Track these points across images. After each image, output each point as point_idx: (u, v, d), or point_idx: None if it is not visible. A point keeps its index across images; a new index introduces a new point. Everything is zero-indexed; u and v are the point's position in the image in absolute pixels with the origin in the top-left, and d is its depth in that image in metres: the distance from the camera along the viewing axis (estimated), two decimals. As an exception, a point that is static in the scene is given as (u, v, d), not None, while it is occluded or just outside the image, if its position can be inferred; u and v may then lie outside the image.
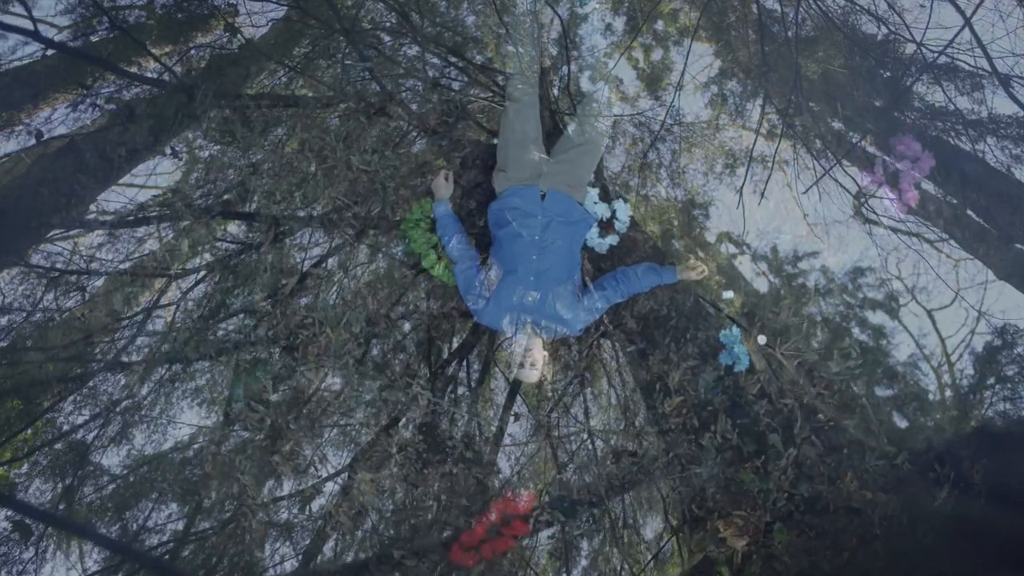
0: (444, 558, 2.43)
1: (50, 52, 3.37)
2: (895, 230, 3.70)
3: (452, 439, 2.66)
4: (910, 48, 3.45)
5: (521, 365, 2.25)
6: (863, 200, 3.44)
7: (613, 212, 2.69)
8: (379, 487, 2.59)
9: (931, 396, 3.67)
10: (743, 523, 2.08)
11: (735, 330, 2.37)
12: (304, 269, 2.84)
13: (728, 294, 2.51)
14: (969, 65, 3.20)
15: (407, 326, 3.10)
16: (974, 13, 2.52)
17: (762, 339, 2.34)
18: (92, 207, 3.45)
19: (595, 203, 2.67)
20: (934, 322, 3.73)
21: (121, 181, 3.71)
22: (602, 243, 2.75)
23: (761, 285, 3.79)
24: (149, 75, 3.37)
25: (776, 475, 2.08)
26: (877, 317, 3.77)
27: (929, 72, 3.11)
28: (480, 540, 2.37)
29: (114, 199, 3.71)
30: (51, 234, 3.17)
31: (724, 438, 2.27)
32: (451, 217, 2.48)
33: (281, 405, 2.61)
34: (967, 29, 2.82)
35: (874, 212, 3.42)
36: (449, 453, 2.66)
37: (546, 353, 2.34)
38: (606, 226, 2.73)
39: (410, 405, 2.66)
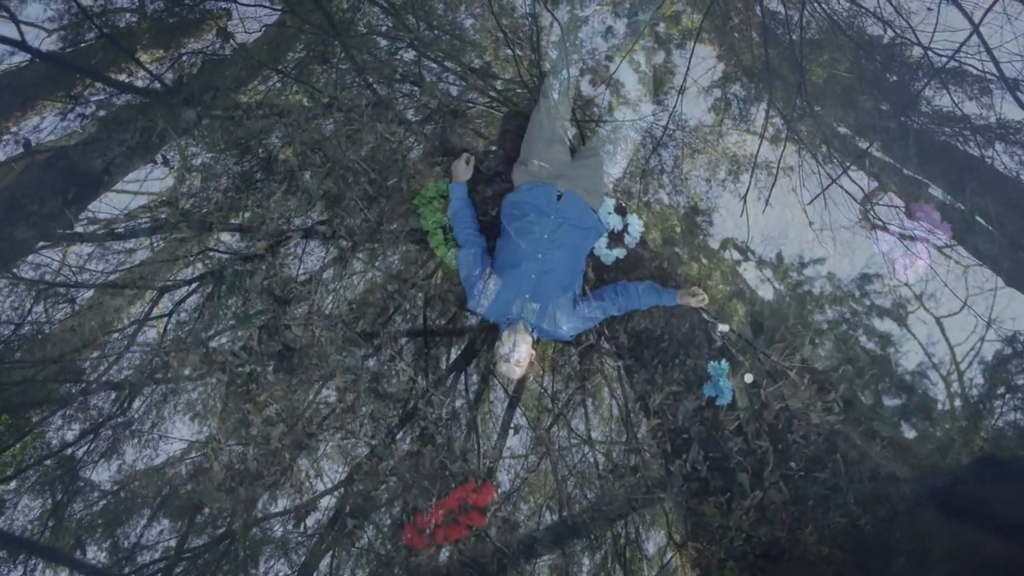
0: (396, 535, 2.47)
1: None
2: (903, 236, 3.70)
3: (426, 419, 2.68)
4: (916, 51, 3.46)
5: (506, 360, 2.25)
6: (870, 207, 3.45)
7: (625, 226, 2.71)
8: (345, 452, 2.61)
9: (940, 406, 3.68)
10: (696, 555, 2.10)
11: (724, 364, 2.39)
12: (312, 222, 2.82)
13: (723, 327, 2.52)
14: (977, 69, 3.21)
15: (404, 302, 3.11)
16: (983, 20, 2.53)
17: (749, 377, 2.36)
18: (82, 216, 3.46)
19: (609, 213, 2.69)
20: (943, 329, 3.74)
21: (113, 188, 3.71)
22: (609, 254, 2.78)
23: (766, 292, 3.79)
24: (140, 81, 3.37)
25: (738, 514, 2.12)
26: (885, 324, 3.78)
27: (937, 78, 3.12)
28: (435, 524, 2.38)
29: (105, 207, 3.71)
30: (39, 245, 3.17)
31: (694, 468, 2.30)
32: (465, 201, 2.51)
33: (263, 357, 2.63)
34: (974, 32, 2.83)
35: (880, 220, 3.43)
36: (420, 433, 2.69)
37: (533, 352, 2.36)
38: (616, 238, 2.75)
39: (391, 378, 2.68)
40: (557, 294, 2.34)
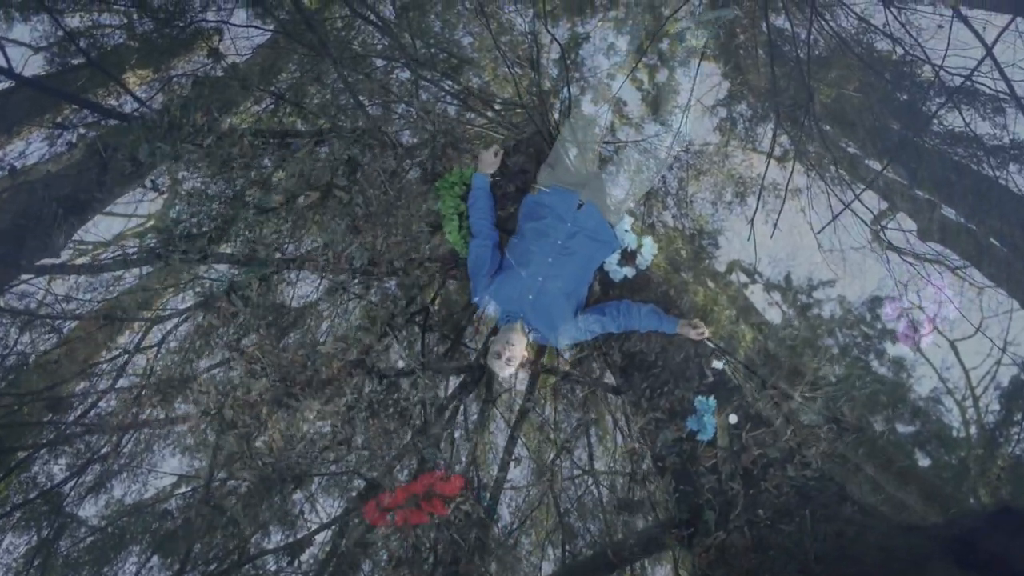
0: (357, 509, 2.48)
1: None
2: (916, 256, 3.69)
3: (407, 401, 2.71)
4: (926, 68, 3.46)
5: (498, 356, 2.26)
6: (880, 227, 3.43)
7: (640, 246, 2.74)
8: (322, 419, 2.62)
9: (955, 432, 3.66)
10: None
11: (711, 400, 2.41)
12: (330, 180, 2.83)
13: (718, 363, 2.53)
14: (989, 88, 3.20)
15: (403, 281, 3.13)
16: (995, 42, 2.53)
17: (733, 418, 2.38)
18: (70, 242, 3.45)
19: (626, 231, 2.73)
20: (957, 354, 3.72)
21: (102, 212, 3.70)
22: (618, 271, 2.81)
23: (774, 315, 3.78)
24: (129, 103, 3.37)
25: (698, 551, 2.15)
26: (897, 349, 3.76)
27: (951, 100, 3.11)
28: (396, 505, 2.39)
29: (93, 230, 3.70)
30: (26, 276, 3.16)
31: (663, 498, 2.31)
32: (486, 192, 2.55)
33: (258, 309, 2.62)
34: (983, 49, 2.84)
35: (892, 244, 3.42)
36: (399, 413, 2.71)
37: (526, 353, 2.38)
38: (628, 257, 2.78)
39: (380, 353, 2.69)
40: (560, 300, 2.37)
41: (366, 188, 2.76)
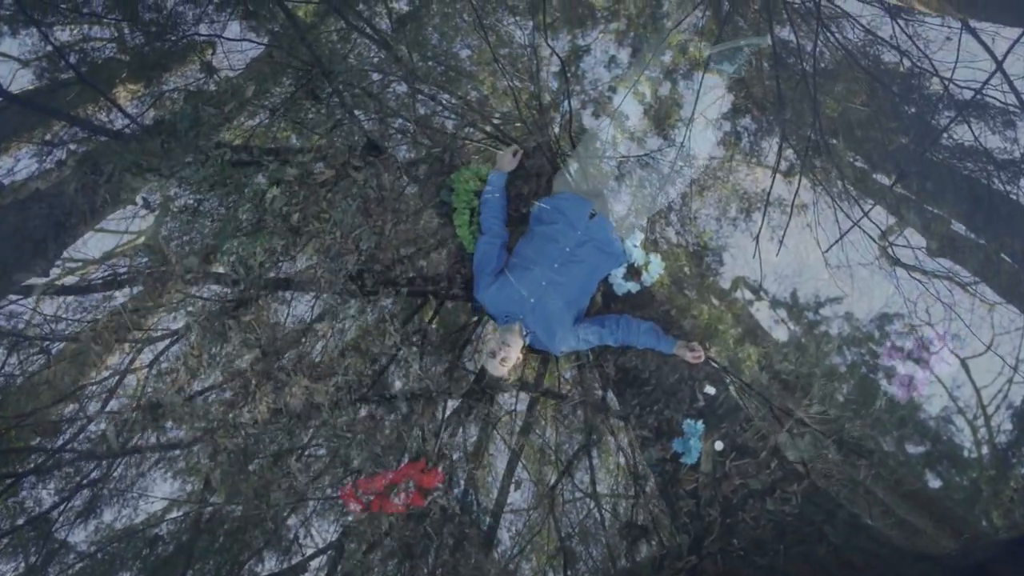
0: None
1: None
2: (925, 272, 3.67)
3: (396, 389, 2.71)
4: (934, 80, 3.44)
5: (493, 355, 2.30)
6: (888, 243, 3.41)
7: (646, 263, 2.74)
8: (310, 397, 2.62)
9: (966, 453, 3.63)
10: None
11: (700, 424, 2.41)
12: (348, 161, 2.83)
13: (710, 389, 2.53)
14: (999, 101, 3.18)
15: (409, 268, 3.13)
16: (1006, 56, 2.51)
17: (719, 445, 2.38)
18: (58, 261, 3.42)
19: (635, 246, 2.74)
20: (968, 372, 3.69)
21: (93, 228, 3.67)
22: (623, 285, 2.83)
23: (780, 333, 3.75)
24: (119, 119, 3.34)
25: (668, 573, 2.12)
26: (907, 367, 3.73)
27: (960, 114, 3.09)
28: (374, 492, 2.41)
29: (82, 248, 3.67)
30: (12, 292, 3.13)
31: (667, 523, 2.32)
32: (501, 190, 2.58)
33: (259, 279, 2.63)
34: (992, 62, 2.82)
35: (900, 261, 3.39)
36: (387, 401, 2.67)
37: (521, 355, 2.40)
38: (634, 272, 2.79)
39: (376, 338, 2.67)
40: (560, 307, 2.39)
41: (382, 172, 2.74)
